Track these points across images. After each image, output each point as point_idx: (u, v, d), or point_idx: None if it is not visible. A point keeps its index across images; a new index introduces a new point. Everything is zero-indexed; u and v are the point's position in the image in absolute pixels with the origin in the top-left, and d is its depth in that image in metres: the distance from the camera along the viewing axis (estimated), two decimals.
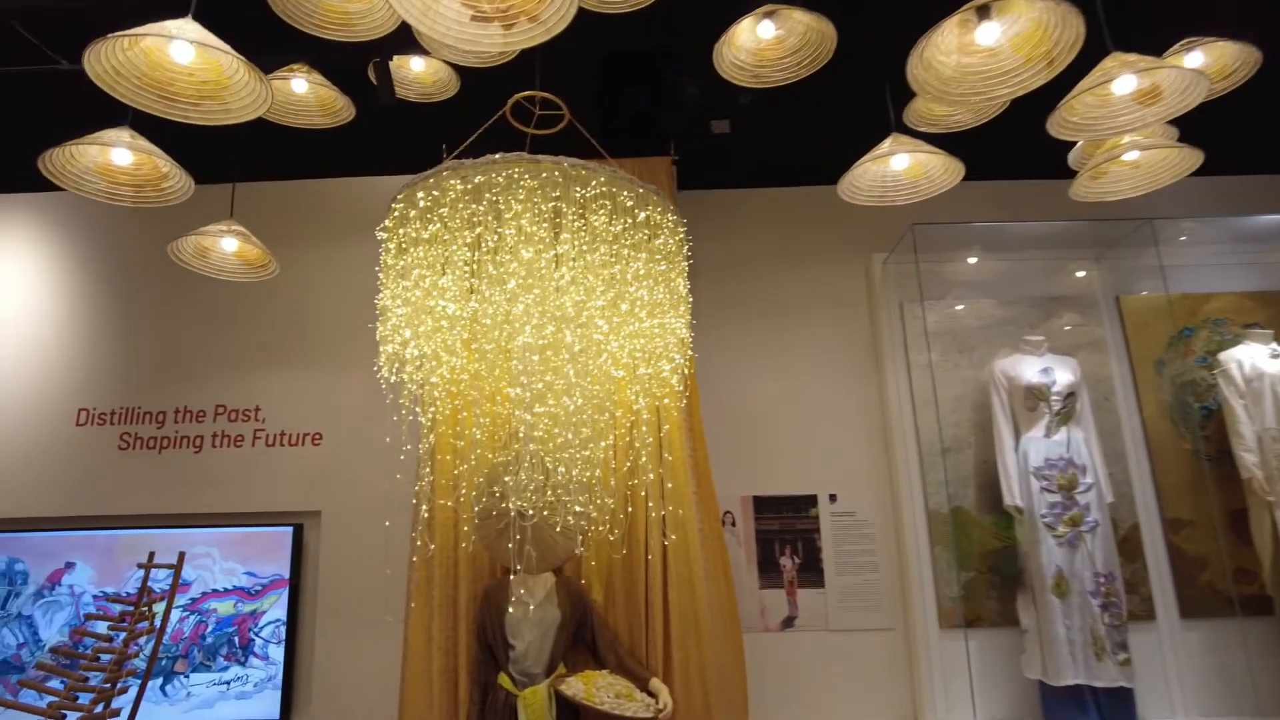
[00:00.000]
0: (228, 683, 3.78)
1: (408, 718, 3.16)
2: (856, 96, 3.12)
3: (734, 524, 4.03)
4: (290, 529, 3.96)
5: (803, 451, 4.15)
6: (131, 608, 3.39)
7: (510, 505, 2.73)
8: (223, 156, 3.67)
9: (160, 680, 3.80)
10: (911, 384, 4.09)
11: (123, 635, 3.30)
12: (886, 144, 2.74)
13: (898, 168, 2.86)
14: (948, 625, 3.75)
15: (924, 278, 4.03)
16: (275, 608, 3.86)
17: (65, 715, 3.06)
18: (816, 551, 4.00)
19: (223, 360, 4.24)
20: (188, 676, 3.80)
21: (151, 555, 3.52)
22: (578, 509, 2.65)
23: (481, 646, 3.10)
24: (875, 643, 3.89)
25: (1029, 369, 3.78)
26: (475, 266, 2.74)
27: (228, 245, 3.61)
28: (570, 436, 2.59)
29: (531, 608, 2.99)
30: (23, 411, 4.20)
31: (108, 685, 3.15)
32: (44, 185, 4.44)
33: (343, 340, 4.14)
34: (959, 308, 4.20)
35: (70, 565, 4.00)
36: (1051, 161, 3.23)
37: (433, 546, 3.23)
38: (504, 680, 2.97)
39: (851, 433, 4.17)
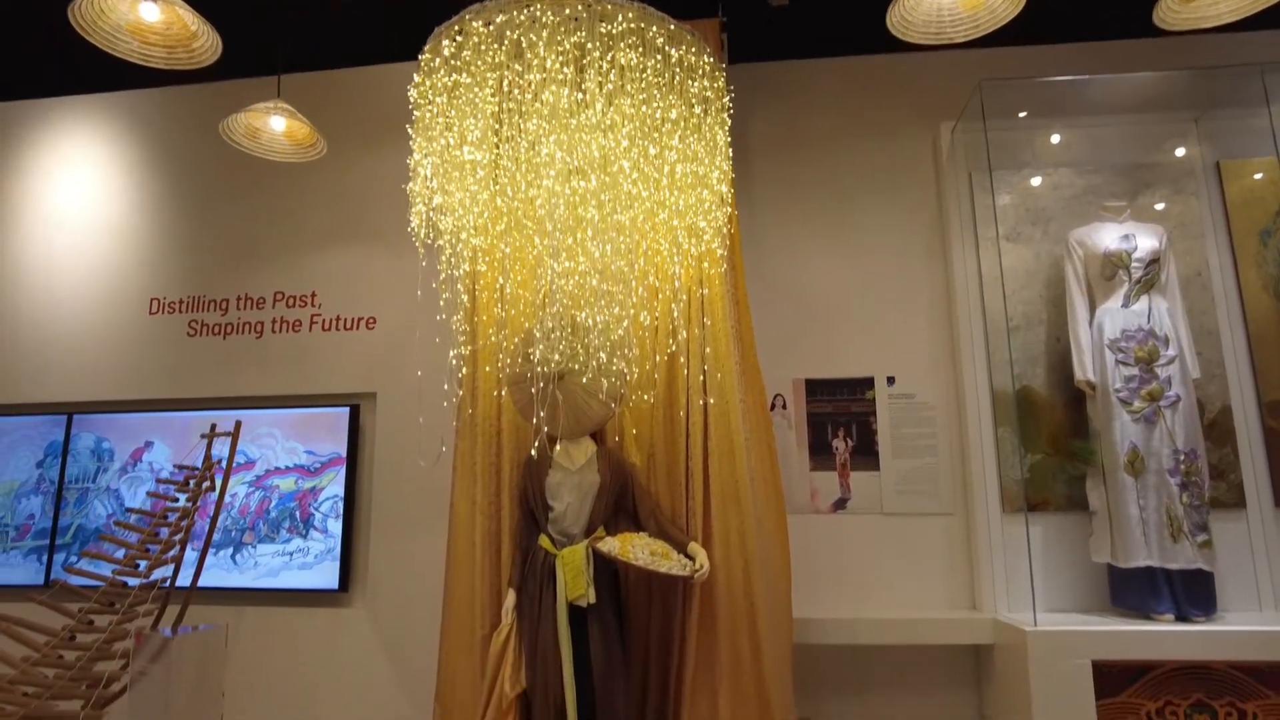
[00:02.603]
0: (290, 554, 3.95)
1: (453, 580, 3.22)
2: None
3: (785, 407, 3.90)
4: (347, 410, 4.06)
5: (860, 333, 3.96)
6: (196, 473, 3.57)
7: (534, 356, 2.68)
8: (270, 47, 3.68)
9: (231, 550, 4.00)
10: (980, 260, 3.81)
11: (186, 495, 3.48)
12: None
13: None
14: (1011, 509, 3.56)
15: (997, 147, 3.70)
16: (333, 484, 3.99)
17: (139, 564, 3.27)
18: (872, 435, 3.84)
19: (280, 248, 4.33)
20: (254, 547, 3.99)
21: (213, 426, 3.68)
22: (602, 355, 2.58)
23: (524, 512, 3.10)
24: (933, 527, 3.73)
25: (1108, 235, 3.46)
26: (500, 113, 2.66)
27: (276, 124, 3.65)
28: (594, 283, 2.51)
29: (566, 467, 2.97)
30: (102, 302, 4.41)
31: (175, 538, 3.34)
32: (113, 84, 4.61)
33: (395, 225, 4.13)
34: (1035, 181, 3.87)
35: (149, 444, 4.23)
36: (1142, 18, 2.89)
37: (470, 411, 3.23)
38: (544, 541, 2.98)
39: (913, 313, 3.95)
